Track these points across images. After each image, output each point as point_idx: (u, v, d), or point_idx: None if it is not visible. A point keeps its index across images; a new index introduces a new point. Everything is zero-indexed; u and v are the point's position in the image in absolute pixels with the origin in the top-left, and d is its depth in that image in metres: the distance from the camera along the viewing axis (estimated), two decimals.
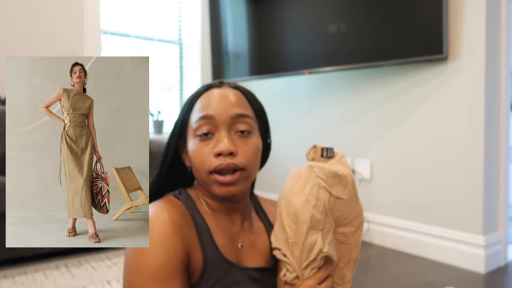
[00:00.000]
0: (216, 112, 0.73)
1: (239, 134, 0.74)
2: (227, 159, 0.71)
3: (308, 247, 0.69)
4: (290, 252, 0.70)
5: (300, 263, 0.70)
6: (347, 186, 0.72)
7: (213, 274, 0.72)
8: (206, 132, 0.73)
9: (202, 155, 0.73)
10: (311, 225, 0.69)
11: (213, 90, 0.78)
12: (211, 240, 0.74)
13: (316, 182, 0.70)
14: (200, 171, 0.74)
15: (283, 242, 0.71)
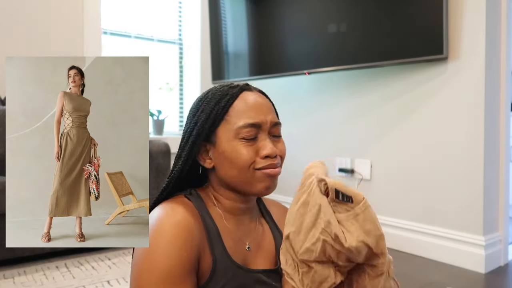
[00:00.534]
0: (262, 120, 0.78)
1: (273, 137, 0.80)
2: (274, 160, 0.77)
3: (319, 279, 0.67)
4: (299, 280, 0.68)
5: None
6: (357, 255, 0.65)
7: (221, 277, 0.73)
8: (253, 137, 0.77)
9: (249, 155, 0.75)
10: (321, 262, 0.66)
11: (247, 93, 0.80)
12: (220, 242, 0.75)
13: (323, 236, 0.64)
14: (244, 171, 0.76)
15: (292, 268, 0.69)
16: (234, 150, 0.75)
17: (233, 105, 0.78)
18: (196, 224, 0.73)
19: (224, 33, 3.27)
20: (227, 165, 0.77)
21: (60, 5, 2.78)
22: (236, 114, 0.77)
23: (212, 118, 0.77)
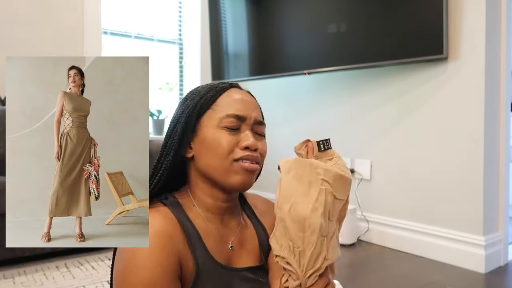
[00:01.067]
0: (247, 115, 0.79)
1: (256, 135, 0.81)
2: (254, 153, 0.78)
3: (315, 256, 0.67)
4: (296, 261, 0.67)
5: (305, 272, 0.67)
6: (349, 188, 0.70)
7: (206, 279, 0.73)
8: (236, 128, 0.78)
9: (229, 144, 0.76)
10: (320, 234, 0.67)
11: (236, 89, 0.82)
12: (201, 245, 0.75)
13: (323, 187, 0.67)
14: (223, 159, 0.76)
15: (288, 250, 0.68)
16: (215, 138, 0.77)
17: (221, 96, 0.80)
18: (175, 230, 0.72)
19: (224, 33, 3.27)
20: (206, 152, 0.77)
21: (60, 5, 2.78)
22: (223, 104, 0.79)
23: (199, 106, 0.78)
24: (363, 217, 2.58)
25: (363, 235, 2.58)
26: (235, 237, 0.82)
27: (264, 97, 3.31)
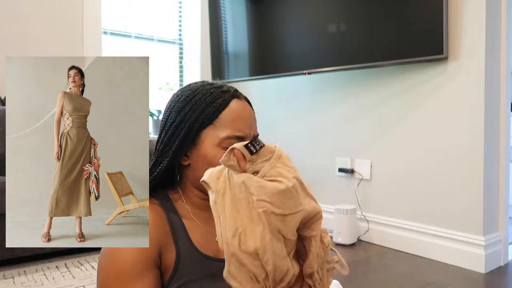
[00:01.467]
0: (247, 134, 0.80)
1: None
2: None
3: (280, 277, 0.61)
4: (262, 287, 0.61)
5: None
6: (294, 197, 0.60)
7: (187, 267, 0.75)
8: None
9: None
10: (277, 257, 0.60)
11: (237, 102, 0.81)
12: (185, 237, 0.77)
13: (261, 210, 0.58)
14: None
15: (250, 283, 0.61)
16: (216, 156, 0.77)
17: (223, 112, 0.79)
18: (159, 221, 0.76)
19: (224, 33, 3.27)
20: (203, 167, 0.77)
21: (60, 5, 2.78)
22: (225, 122, 0.78)
23: (201, 120, 0.78)
24: (363, 217, 2.58)
25: (363, 235, 2.58)
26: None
27: (264, 97, 3.31)
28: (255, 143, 0.61)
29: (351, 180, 2.67)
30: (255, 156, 0.61)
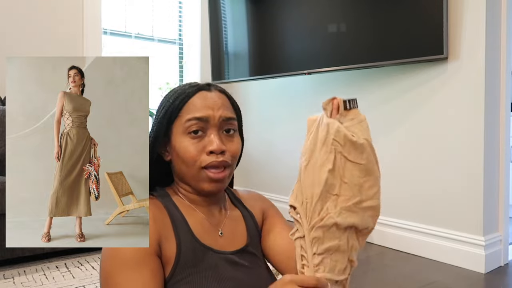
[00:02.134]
0: (210, 115, 0.79)
1: (225, 133, 0.81)
2: (219, 157, 0.78)
3: (319, 209, 0.67)
4: (304, 213, 0.69)
5: (310, 223, 0.68)
6: (364, 152, 0.71)
7: (189, 259, 0.75)
8: (197, 130, 0.78)
9: (194, 152, 0.78)
10: (325, 189, 0.67)
11: (203, 92, 0.82)
12: (186, 229, 0.78)
13: (333, 147, 0.68)
14: (191, 167, 0.79)
15: (300, 203, 0.69)
16: (181, 146, 0.79)
17: (187, 102, 0.80)
18: (159, 215, 0.77)
19: (224, 33, 3.27)
20: (177, 160, 0.80)
21: (60, 5, 2.78)
22: (187, 110, 0.80)
23: (168, 114, 0.80)
24: None
25: None
26: (225, 225, 0.84)
27: (264, 97, 3.31)
28: (352, 102, 0.71)
29: None
30: (345, 112, 0.71)
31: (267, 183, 3.30)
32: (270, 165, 3.23)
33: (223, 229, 0.83)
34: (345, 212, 0.68)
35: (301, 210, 0.69)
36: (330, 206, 0.67)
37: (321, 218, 0.67)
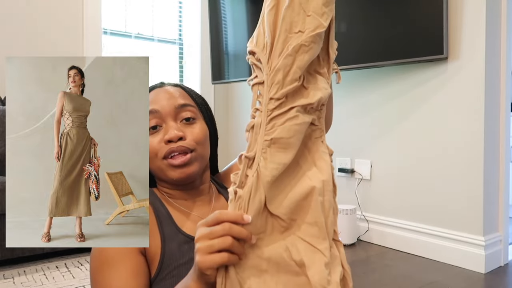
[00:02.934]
0: (161, 106, 0.80)
1: (184, 122, 0.81)
2: (178, 143, 0.78)
3: (279, 51, 0.62)
4: (265, 57, 0.63)
5: (270, 68, 0.62)
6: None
7: (174, 252, 0.76)
8: (154, 126, 0.79)
9: (154, 145, 0.79)
10: (285, 28, 0.62)
11: (156, 90, 0.85)
12: (170, 222, 0.79)
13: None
14: (154, 160, 0.80)
15: (260, 47, 0.63)
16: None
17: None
18: None
19: (224, 33, 3.27)
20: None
21: (60, 5, 2.78)
22: None
23: None
24: (363, 217, 2.58)
25: (363, 235, 2.58)
26: (210, 214, 0.85)
27: None
28: None
29: (351, 180, 2.67)
30: None
31: None
32: None
33: None
34: (308, 44, 0.63)
35: (261, 55, 0.63)
36: (292, 43, 0.62)
37: (279, 60, 0.62)
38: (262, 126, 0.62)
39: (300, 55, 0.62)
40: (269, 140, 0.61)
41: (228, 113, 3.71)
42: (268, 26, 0.63)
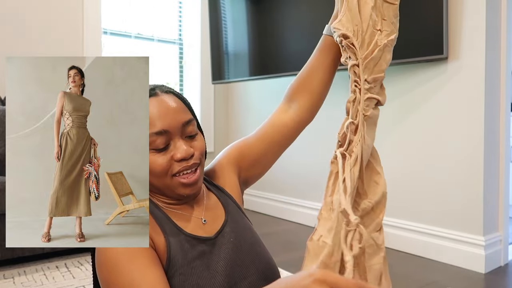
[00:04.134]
0: (169, 125, 0.78)
1: (188, 137, 0.81)
2: (189, 161, 0.78)
3: (367, 42, 0.75)
4: (357, 42, 0.75)
5: (363, 54, 0.75)
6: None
7: (178, 251, 0.76)
8: (163, 148, 0.77)
9: (164, 163, 0.77)
10: (371, 23, 0.76)
11: (153, 99, 0.80)
12: (169, 222, 0.79)
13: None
14: (163, 178, 0.78)
15: (351, 32, 0.76)
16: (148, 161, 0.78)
17: None
18: None
19: (224, 33, 3.27)
20: (150, 173, 0.79)
21: (60, 5, 2.78)
22: None
23: None
24: None
25: None
26: (207, 213, 0.86)
27: (264, 97, 3.31)
28: None
29: None
30: None
31: (267, 183, 3.30)
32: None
33: (205, 216, 0.85)
34: (390, 46, 0.78)
35: (354, 40, 0.76)
36: (378, 40, 0.76)
37: (371, 51, 0.76)
38: (361, 102, 0.76)
39: (385, 52, 0.77)
40: (365, 115, 0.77)
41: (228, 113, 3.71)
42: (357, 17, 0.77)
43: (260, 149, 0.95)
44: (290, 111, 0.97)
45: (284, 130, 0.95)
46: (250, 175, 0.98)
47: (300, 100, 0.95)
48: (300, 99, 0.95)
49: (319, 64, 0.89)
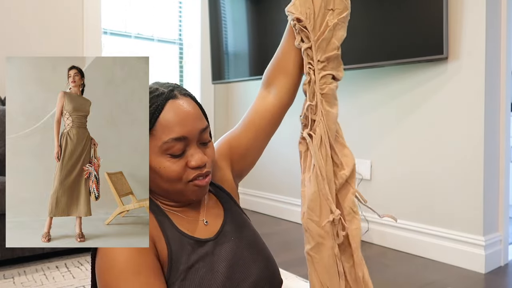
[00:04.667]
0: (189, 132, 0.77)
1: (202, 144, 0.81)
2: (203, 169, 0.79)
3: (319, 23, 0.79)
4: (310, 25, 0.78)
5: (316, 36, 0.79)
6: None
7: (180, 254, 0.76)
8: (179, 154, 0.77)
9: (179, 170, 0.77)
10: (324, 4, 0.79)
11: (173, 102, 0.78)
12: (171, 225, 0.79)
13: None
14: (176, 183, 0.78)
15: (304, 15, 0.79)
16: (162, 166, 0.76)
17: (159, 118, 0.76)
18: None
19: (224, 33, 3.27)
20: (157, 178, 0.78)
21: (60, 5, 2.78)
22: (162, 128, 0.76)
23: None
24: (363, 217, 2.58)
25: (363, 235, 2.58)
26: (208, 214, 0.86)
27: None
28: None
29: None
30: None
31: (266, 183, 3.30)
32: (269, 165, 3.23)
33: (206, 218, 0.85)
34: (341, 23, 0.82)
35: (307, 23, 0.79)
36: (329, 20, 0.80)
37: (323, 32, 0.80)
38: (317, 82, 0.80)
39: (336, 31, 0.82)
40: (322, 94, 0.80)
41: (228, 113, 3.71)
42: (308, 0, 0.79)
43: (248, 139, 0.95)
44: (270, 96, 0.96)
45: (268, 115, 0.95)
46: (242, 166, 0.97)
47: (278, 84, 0.96)
48: (277, 83, 0.96)
49: (290, 45, 0.90)
